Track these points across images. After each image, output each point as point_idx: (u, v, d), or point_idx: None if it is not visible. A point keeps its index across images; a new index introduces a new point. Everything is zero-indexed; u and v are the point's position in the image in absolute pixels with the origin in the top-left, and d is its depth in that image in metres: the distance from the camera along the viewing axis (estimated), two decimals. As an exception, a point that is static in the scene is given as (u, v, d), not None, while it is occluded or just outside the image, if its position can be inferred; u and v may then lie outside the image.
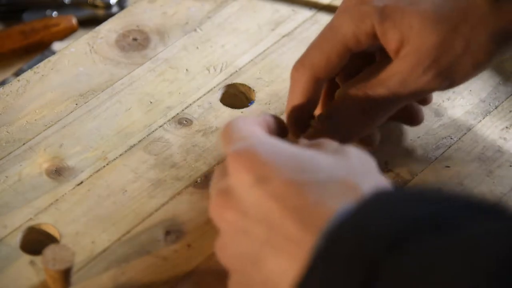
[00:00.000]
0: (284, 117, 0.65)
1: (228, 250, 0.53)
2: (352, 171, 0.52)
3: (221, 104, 0.73)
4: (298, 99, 0.65)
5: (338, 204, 0.49)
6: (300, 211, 0.49)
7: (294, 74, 0.65)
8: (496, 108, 0.74)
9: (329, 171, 0.51)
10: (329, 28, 0.64)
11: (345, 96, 0.63)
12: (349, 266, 0.45)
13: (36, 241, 0.65)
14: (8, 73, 0.82)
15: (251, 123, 0.57)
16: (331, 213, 0.48)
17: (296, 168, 0.51)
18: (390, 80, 0.62)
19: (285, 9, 0.81)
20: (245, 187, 0.52)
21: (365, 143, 0.68)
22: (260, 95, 0.74)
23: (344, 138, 0.63)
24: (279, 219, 0.50)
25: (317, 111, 0.67)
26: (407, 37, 0.61)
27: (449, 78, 0.62)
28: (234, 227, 0.52)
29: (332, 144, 0.56)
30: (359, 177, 0.51)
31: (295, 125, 0.65)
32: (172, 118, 0.72)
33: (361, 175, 0.52)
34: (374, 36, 0.62)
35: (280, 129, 0.62)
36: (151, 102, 0.73)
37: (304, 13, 0.80)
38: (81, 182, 0.68)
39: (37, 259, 0.63)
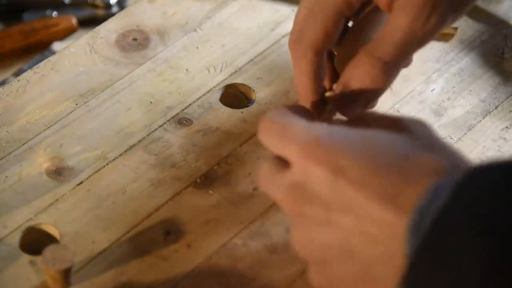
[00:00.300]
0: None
1: (311, 244, 0.53)
2: (423, 146, 0.51)
3: (221, 104, 0.73)
4: (307, 78, 0.63)
5: (424, 182, 0.48)
6: (386, 194, 0.49)
7: (294, 53, 0.63)
8: (496, 108, 0.74)
9: (403, 150, 0.50)
10: None
11: (352, 66, 0.61)
12: (467, 248, 0.44)
13: (36, 241, 0.65)
14: (8, 73, 0.82)
15: (293, 114, 0.56)
16: (420, 192, 0.47)
17: (370, 152, 0.50)
18: (393, 35, 0.60)
19: (285, 9, 0.81)
20: (322, 179, 0.51)
21: None
22: (260, 95, 0.74)
23: (363, 107, 0.62)
24: (366, 206, 0.49)
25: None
26: None
27: (454, 11, 0.60)
28: (315, 220, 0.52)
29: (375, 117, 0.55)
30: (433, 151, 0.51)
31: (314, 104, 0.64)
32: (172, 118, 0.72)
33: (433, 148, 0.51)
34: None
35: (307, 116, 0.60)
36: (151, 102, 0.73)
37: (304, 13, 0.80)
38: (81, 182, 0.68)
39: (37, 259, 0.63)
